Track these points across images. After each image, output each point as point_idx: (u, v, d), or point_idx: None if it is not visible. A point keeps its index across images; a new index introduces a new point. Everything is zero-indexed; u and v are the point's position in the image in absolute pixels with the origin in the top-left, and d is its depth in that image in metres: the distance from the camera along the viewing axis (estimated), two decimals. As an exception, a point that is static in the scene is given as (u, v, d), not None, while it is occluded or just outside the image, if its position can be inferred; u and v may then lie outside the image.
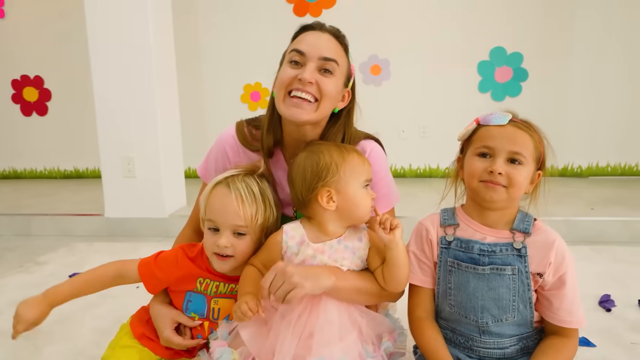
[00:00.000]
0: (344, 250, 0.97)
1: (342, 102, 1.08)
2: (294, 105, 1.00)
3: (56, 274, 2.03)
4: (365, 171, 0.98)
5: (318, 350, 0.88)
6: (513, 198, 0.92)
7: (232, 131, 1.17)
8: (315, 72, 1.00)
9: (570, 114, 3.66)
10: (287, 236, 0.98)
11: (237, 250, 0.98)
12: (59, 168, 4.25)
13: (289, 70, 1.01)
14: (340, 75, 1.04)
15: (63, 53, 3.99)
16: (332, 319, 0.93)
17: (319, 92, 1.00)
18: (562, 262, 0.90)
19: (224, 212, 0.97)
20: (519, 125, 0.93)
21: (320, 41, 1.02)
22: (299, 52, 1.01)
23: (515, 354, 0.93)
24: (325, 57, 1.00)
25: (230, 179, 1.01)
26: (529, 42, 3.59)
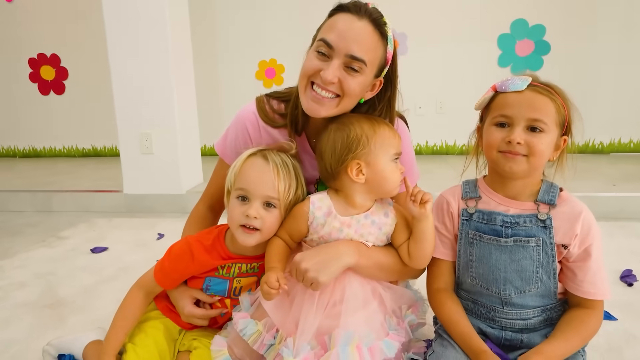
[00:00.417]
0: (371, 225, 0.97)
1: (370, 92, 1.02)
2: (314, 100, 0.96)
3: (78, 248, 2.08)
4: (395, 144, 0.96)
5: (343, 319, 0.89)
6: (535, 167, 0.89)
7: (253, 107, 1.13)
8: (339, 70, 0.93)
9: (593, 89, 3.54)
10: (313, 207, 0.97)
11: (265, 223, 0.95)
12: (77, 146, 4.31)
13: (314, 60, 0.95)
14: (370, 71, 0.96)
15: (79, 31, 4.00)
16: (356, 292, 0.94)
17: (341, 90, 0.95)
18: (588, 234, 0.88)
19: (259, 182, 0.95)
20: (539, 89, 0.88)
21: (352, 32, 0.92)
22: (326, 44, 0.93)
23: (539, 325, 0.92)
24: (353, 55, 0.92)
25: (266, 151, 1.00)
26: (552, 14, 3.46)
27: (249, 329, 0.93)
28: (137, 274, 1.72)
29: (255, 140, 1.13)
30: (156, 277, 1.04)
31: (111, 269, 1.81)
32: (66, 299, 1.55)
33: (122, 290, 1.60)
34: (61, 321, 1.40)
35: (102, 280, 1.70)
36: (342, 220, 0.95)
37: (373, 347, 0.89)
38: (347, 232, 0.95)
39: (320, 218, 0.96)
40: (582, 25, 3.46)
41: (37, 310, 1.47)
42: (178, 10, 2.55)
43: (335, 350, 0.85)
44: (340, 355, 0.85)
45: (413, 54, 3.69)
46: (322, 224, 0.96)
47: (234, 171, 0.99)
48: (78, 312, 1.45)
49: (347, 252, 0.92)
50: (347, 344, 0.86)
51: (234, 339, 0.98)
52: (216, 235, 1.04)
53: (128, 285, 1.64)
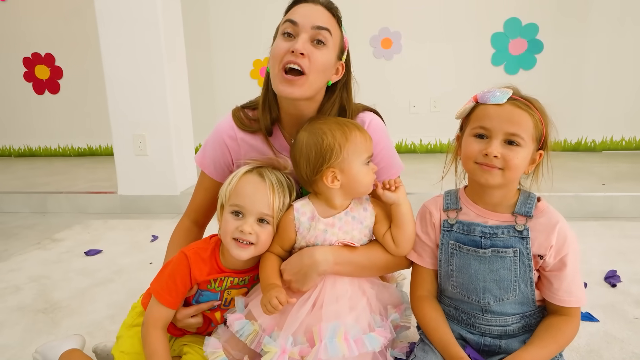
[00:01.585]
0: (352, 221, 1.00)
1: (335, 75, 1.07)
2: (287, 82, 1.00)
3: (72, 250, 2.10)
4: (366, 148, 0.99)
5: (329, 315, 0.93)
6: (510, 180, 0.91)
7: (229, 119, 1.16)
8: (307, 43, 0.99)
9: (585, 87, 3.57)
10: (298, 213, 1.00)
11: (260, 238, 0.98)
12: (73, 146, 4.32)
13: (282, 43, 1.01)
14: (333, 46, 1.03)
15: (73, 30, 3.99)
16: (345, 290, 0.98)
17: (310, 64, 0.99)
18: (563, 244, 0.90)
19: (254, 199, 0.97)
20: (518, 104, 0.89)
21: (313, 11, 1.01)
22: (292, 22, 1.01)
23: (517, 331, 0.95)
24: (318, 25, 1.00)
25: (262, 169, 1.02)
26: (545, 13, 3.47)
27: (246, 330, 0.95)
28: (131, 276, 1.78)
29: (233, 151, 1.15)
30: (163, 299, 1.00)
31: (105, 271, 1.84)
32: (60, 303, 1.57)
33: (116, 292, 1.65)
34: (55, 325, 1.42)
35: (97, 283, 1.73)
36: (325, 222, 0.99)
37: (358, 339, 0.92)
38: (332, 232, 0.99)
39: (305, 223, 0.99)
40: (575, 24, 3.47)
41: (31, 315, 1.50)
42: (171, 9, 2.56)
43: (324, 342, 0.89)
44: (329, 347, 0.88)
45: (407, 53, 3.70)
46: (307, 229, 0.99)
47: (228, 188, 1.01)
48: (72, 316, 1.47)
49: (323, 260, 0.96)
50: (334, 336, 0.90)
51: (229, 340, 1.00)
52: (212, 248, 1.05)
53: (122, 289, 1.69)
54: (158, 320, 1.01)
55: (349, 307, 0.96)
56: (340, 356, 0.88)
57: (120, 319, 1.19)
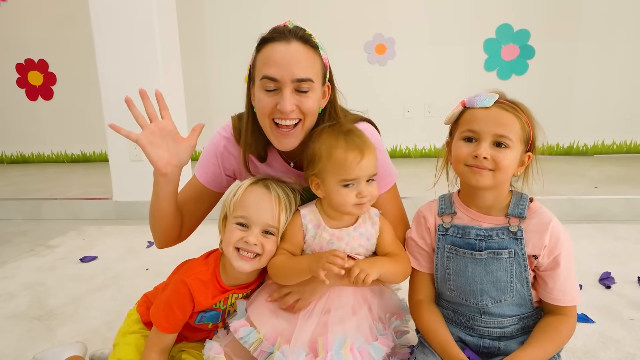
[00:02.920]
0: (360, 237, 1.00)
1: (324, 99, 1.05)
2: (282, 135, 0.99)
3: (67, 257, 2.08)
4: (347, 171, 0.93)
5: (333, 326, 0.93)
6: (500, 181, 0.92)
7: (228, 128, 1.14)
8: (293, 97, 0.96)
9: (577, 92, 3.61)
10: (305, 220, 1.00)
11: (265, 249, 0.97)
12: (66, 152, 4.29)
13: (265, 99, 0.97)
14: (318, 84, 1.00)
15: (66, 36, 3.98)
16: (348, 299, 0.98)
17: (301, 113, 0.98)
18: (556, 244, 0.91)
19: (260, 210, 0.97)
20: (505, 106, 0.91)
21: (289, 57, 0.94)
22: (271, 79, 0.95)
23: (516, 333, 0.96)
24: (299, 78, 0.95)
25: (267, 181, 1.03)
26: (536, 19, 3.52)
27: (251, 337, 0.95)
28: (127, 282, 1.77)
29: (234, 158, 1.14)
30: (162, 327, 0.99)
31: (101, 278, 1.83)
32: (55, 310, 1.56)
33: (112, 299, 1.64)
34: (51, 332, 1.41)
35: (92, 289, 1.72)
36: (331, 232, 0.98)
37: (362, 350, 0.92)
38: (338, 245, 0.98)
39: (311, 230, 0.99)
40: (566, 30, 3.52)
41: (26, 322, 1.48)
42: (166, 14, 2.56)
43: (330, 354, 0.89)
44: (335, 358, 0.88)
45: (401, 59, 3.73)
46: (312, 236, 0.99)
47: (233, 199, 1.00)
48: (68, 323, 1.46)
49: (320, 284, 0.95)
50: (340, 347, 0.90)
51: (230, 345, 1.00)
52: (212, 269, 1.03)
53: (118, 295, 1.68)
54: (156, 345, 1.01)
55: (353, 316, 0.97)
56: None
57: (117, 326, 1.18)
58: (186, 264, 1.07)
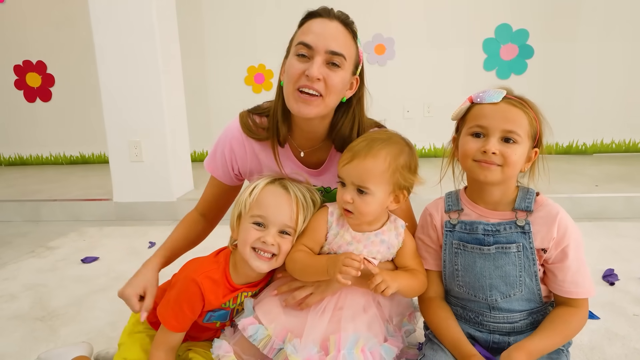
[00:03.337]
0: (380, 243, 0.99)
1: (350, 90, 1.06)
2: (302, 101, 0.99)
3: (68, 258, 2.07)
4: (347, 173, 0.94)
5: (345, 323, 0.93)
6: (508, 177, 0.92)
7: (237, 123, 1.14)
8: (322, 67, 0.97)
9: (576, 91, 3.63)
10: (331, 217, 1.00)
11: (282, 249, 0.97)
12: (65, 154, 4.28)
13: (296, 64, 0.98)
14: (348, 66, 1.01)
15: (65, 37, 3.97)
16: (358, 299, 0.98)
17: (325, 87, 0.98)
18: (564, 235, 0.91)
19: (278, 210, 0.96)
20: (513, 102, 0.91)
21: (327, 31, 0.97)
22: (305, 46, 0.97)
23: (525, 328, 0.96)
24: (333, 50, 0.97)
25: (284, 181, 1.02)
26: (535, 19, 3.54)
27: (260, 334, 0.94)
28: (130, 283, 1.75)
29: (239, 155, 1.14)
30: (171, 326, 0.98)
31: (103, 278, 1.82)
32: (58, 311, 1.55)
33: (115, 300, 1.61)
34: (53, 333, 1.40)
35: (95, 290, 1.70)
36: (353, 235, 0.98)
37: (374, 351, 0.92)
38: (356, 247, 0.97)
39: (334, 228, 0.99)
40: (564, 29, 3.54)
41: (28, 323, 1.47)
42: (166, 16, 2.56)
43: (342, 353, 0.88)
44: (347, 357, 0.88)
45: (401, 59, 3.74)
46: (334, 234, 0.98)
47: (249, 199, 0.99)
48: (71, 324, 1.45)
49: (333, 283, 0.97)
50: (352, 347, 0.90)
51: (238, 343, 0.99)
52: (223, 268, 1.02)
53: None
54: (164, 343, 0.99)
55: (363, 315, 0.96)
56: None
57: (122, 326, 1.18)
58: (194, 262, 1.06)
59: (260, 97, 3.86)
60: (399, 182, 0.95)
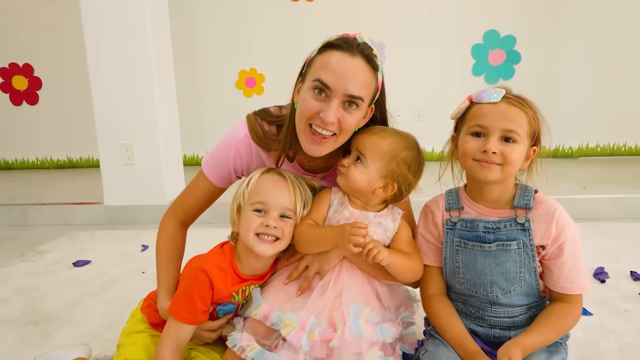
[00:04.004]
0: (377, 225, 1.02)
1: (364, 119, 1.04)
2: (314, 142, 0.98)
3: (59, 261, 2.03)
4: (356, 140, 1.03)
5: (346, 301, 0.96)
6: (508, 176, 0.94)
7: (245, 129, 1.11)
8: (338, 109, 0.95)
9: (562, 97, 3.71)
10: (334, 195, 1.05)
11: (285, 232, 0.99)
12: (52, 158, 4.20)
13: (311, 102, 0.95)
14: (365, 104, 0.99)
15: (53, 40, 3.91)
16: (356, 288, 0.99)
17: (339, 128, 0.97)
18: (561, 232, 0.93)
19: (277, 194, 0.99)
20: (513, 101, 0.93)
21: (348, 70, 0.93)
22: (323, 84, 0.93)
23: (525, 322, 0.97)
24: (352, 94, 0.94)
25: (279, 169, 1.05)
26: (522, 26, 3.61)
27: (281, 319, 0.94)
28: (124, 285, 1.74)
29: (245, 160, 1.13)
30: (184, 319, 0.96)
31: (97, 281, 1.79)
32: (51, 314, 1.52)
33: (110, 302, 1.61)
34: (47, 337, 1.37)
35: (88, 293, 1.68)
36: (351, 211, 1.02)
37: (373, 327, 0.94)
38: None
39: (335, 205, 1.04)
40: (550, 35, 3.62)
41: (21, 327, 1.44)
42: (159, 19, 2.55)
43: (348, 324, 0.90)
44: (353, 328, 0.90)
45: (391, 64, 3.78)
46: (334, 211, 1.03)
47: (246, 190, 1.01)
48: (65, 327, 1.43)
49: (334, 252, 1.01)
50: (357, 317, 0.92)
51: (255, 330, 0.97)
52: (229, 258, 1.02)
53: (116, 298, 1.65)
54: (173, 339, 0.97)
55: (363, 294, 0.99)
56: (366, 336, 0.90)
57: (118, 328, 1.17)
58: (199, 257, 1.06)
59: (251, 101, 3.87)
60: (393, 171, 1.00)
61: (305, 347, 0.89)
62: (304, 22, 3.68)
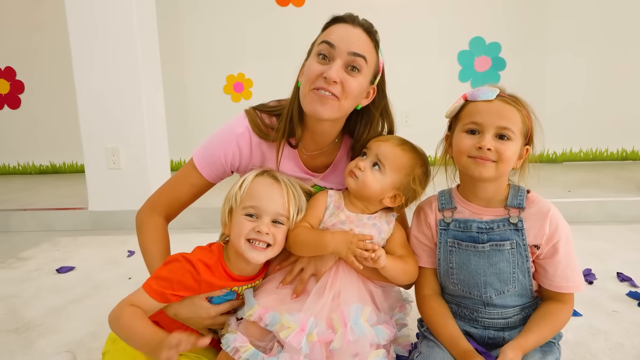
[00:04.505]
0: (372, 227, 1.02)
1: (366, 99, 1.05)
2: (317, 101, 0.98)
3: (42, 268, 1.98)
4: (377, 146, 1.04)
5: (344, 301, 0.95)
6: (502, 173, 0.95)
7: (245, 122, 1.09)
8: (341, 70, 0.97)
9: (546, 102, 3.78)
10: (330, 198, 1.05)
11: (277, 239, 0.97)
12: (34, 163, 4.12)
13: (316, 65, 0.98)
14: (367, 73, 1.01)
15: (36, 43, 3.85)
16: (352, 290, 0.99)
17: (342, 91, 0.97)
18: (555, 231, 0.94)
19: (269, 199, 0.97)
20: (507, 100, 0.94)
21: (351, 35, 0.98)
22: (328, 44, 0.97)
23: (519, 323, 0.98)
24: (355, 52, 0.96)
25: (273, 171, 1.04)
26: (507, 33, 3.68)
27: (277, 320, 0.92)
28: (110, 291, 1.69)
29: (245, 155, 1.11)
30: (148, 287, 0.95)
31: (81, 288, 1.74)
32: (33, 322, 1.48)
33: (95, 308, 1.56)
34: (29, 345, 1.33)
35: (72, 300, 1.63)
36: (347, 215, 1.02)
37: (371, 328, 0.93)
38: (349, 227, 1.01)
39: (331, 208, 1.04)
40: (534, 43, 3.70)
41: (1, 335, 1.39)
42: (146, 23, 2.52)
43: (349, 325, 0.89)
44: (355, 328, 0.89)
45: (378, 69, 3.81)
46: (330, 214, 1.03)
47: (239, 192, 0.99)
48: (48, 335, 1.38)
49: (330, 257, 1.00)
50: (358, 317, 0.91)
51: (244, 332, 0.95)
52: (217, 257, 1.00)
53: (102, 304, 1.60)
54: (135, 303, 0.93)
55: (360, 295, 0.99)
56: (368, 336, 0.89)
57: (103, 335, 1.13)
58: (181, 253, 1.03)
59: (239, 106, 3.84)
60: (406, 183, 1.02)
61: (305, 350, 0.87)
62: (292, 27, 3.68)
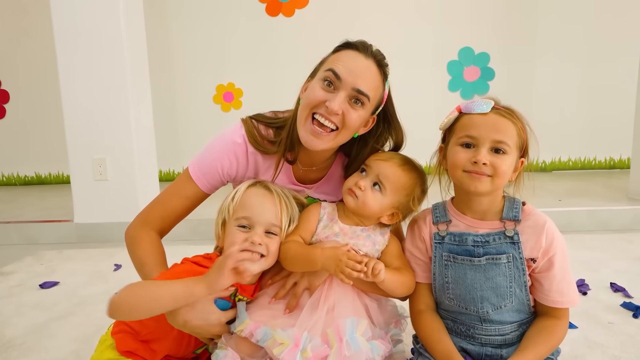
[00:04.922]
0: (366, 238, 1.01)
1: (364, 127, 1.05)
2: (313, 133, 0.98)
3: (24, 283, 1.91)
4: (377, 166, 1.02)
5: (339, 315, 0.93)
6: (497, 187, 0.93)
7: (241, 131, 1.08)
8: (344, 102, 0.96)
9: (535, 112, 3.80)
10: (324, 210, 1.04)
11: (270, 250, 0.96)
12: (19, 174, 4.03)
13: (320, 91, 0.97)
14: (370, 106, 1.00)
15: (21, 52, 3.79)
16: (346, 305, 0.97)
17: (342, 122, 0.97)
18: (551, 244, 0.93)
19: (262, 210, 0.96)
20: (502, 112, 0.92)
21: (360, 68, 0.96)
22: (334, 74, 0.96)
23: (517, 340, 0.95)
24: (360, 90, 0.96)
25: (265, 182, 1.03)
26: (495, 43, 3.72)
27: (268, 336, 0.90)
28: (95, 308, 1.64)
29: (241, 165, 1.10)
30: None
31: (65, 304, 1.68)
32: (14, 341, 1.42)
33: (80, 326, 1.50)
34: (10, 366, 1.27)
35: (55, 317, 1.57)
36: (341, 227, 1.01)
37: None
38: (343, 239, 1.00)
39: (325, 220, 1.02)
40: (523, 53, 3.74)
41: (-19, 355, 1.33)
42: (134, 31, 2.50)
43: (345, 340, 0.87)
44: (351, 343, 0.87)
45: (369, 79, 3.82)
46: (324, 226, 1.02)
47: (232, 204, 0.99)
48: (29, 354, 1.32)
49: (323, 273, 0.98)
50: (354, 331, 0.89)
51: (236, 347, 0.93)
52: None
53: (86, 321, 1.55)
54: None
55: (354, 309, 0.97)
56: (364, 351, 0.87)
57: (87, 354, 1.09)
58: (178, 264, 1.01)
59: (229, 116, 3.82)
60: (405, 203, 1.02)
61: None
62: (282, 37, 3.68)
